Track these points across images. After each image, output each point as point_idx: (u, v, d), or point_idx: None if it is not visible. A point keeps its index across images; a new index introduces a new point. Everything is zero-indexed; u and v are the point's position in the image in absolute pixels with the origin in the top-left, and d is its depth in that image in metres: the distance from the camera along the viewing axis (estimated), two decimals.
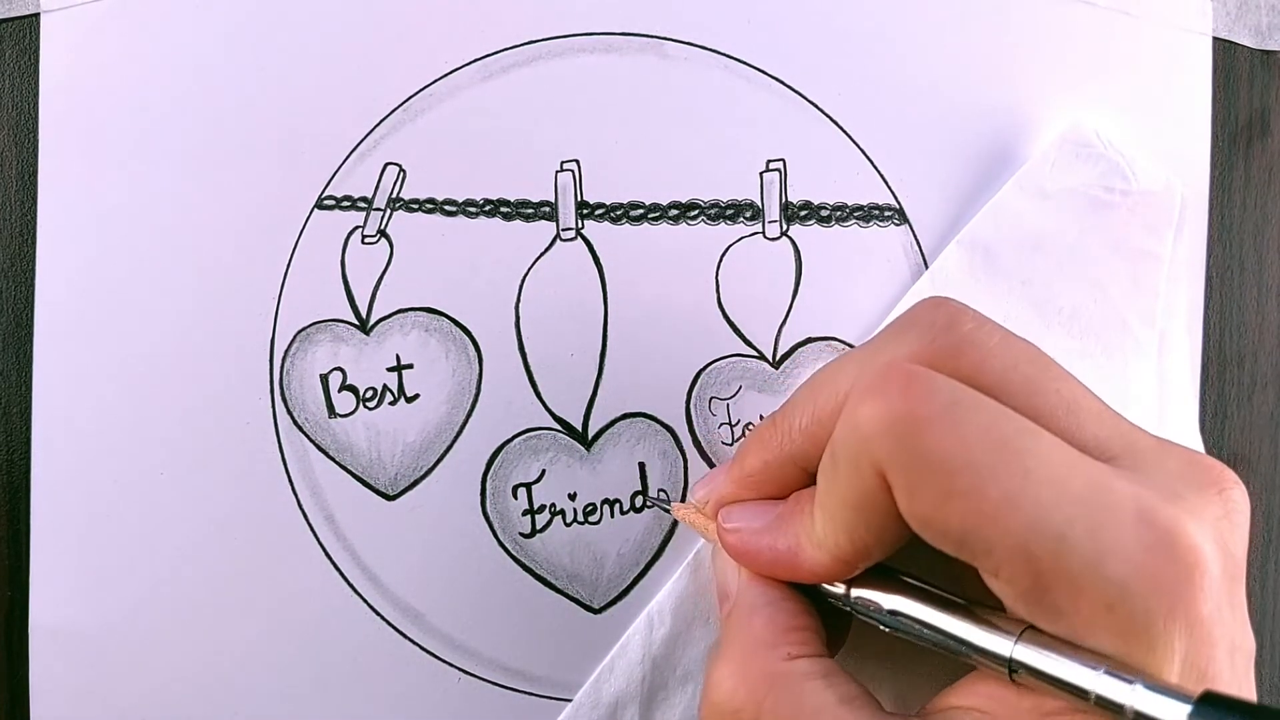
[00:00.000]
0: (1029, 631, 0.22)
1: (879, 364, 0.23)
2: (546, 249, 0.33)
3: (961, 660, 0.24)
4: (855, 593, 0.26)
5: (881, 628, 0.25)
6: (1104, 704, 0.21)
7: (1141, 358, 0.33)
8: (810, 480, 0.26)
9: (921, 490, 0.22)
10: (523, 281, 0.33)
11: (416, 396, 0.33)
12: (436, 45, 0.33)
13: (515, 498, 0.33)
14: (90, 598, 0.32)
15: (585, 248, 0.33)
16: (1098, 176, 0.33)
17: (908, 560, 0.25)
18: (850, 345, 0.33)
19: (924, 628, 0.24)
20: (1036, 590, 0.21)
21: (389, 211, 0.33)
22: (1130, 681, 0.20)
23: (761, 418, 0.33)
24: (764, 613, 0.26)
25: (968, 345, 0.24)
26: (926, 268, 0.33)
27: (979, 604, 0.24)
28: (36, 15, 0.32)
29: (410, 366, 0.33)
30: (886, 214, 0.33)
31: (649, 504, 0.33)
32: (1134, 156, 0.33)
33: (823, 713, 0.23)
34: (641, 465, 0.33)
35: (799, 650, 0.25)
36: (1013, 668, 0.22)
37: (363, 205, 0.33)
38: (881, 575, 0.26)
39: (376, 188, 0.33)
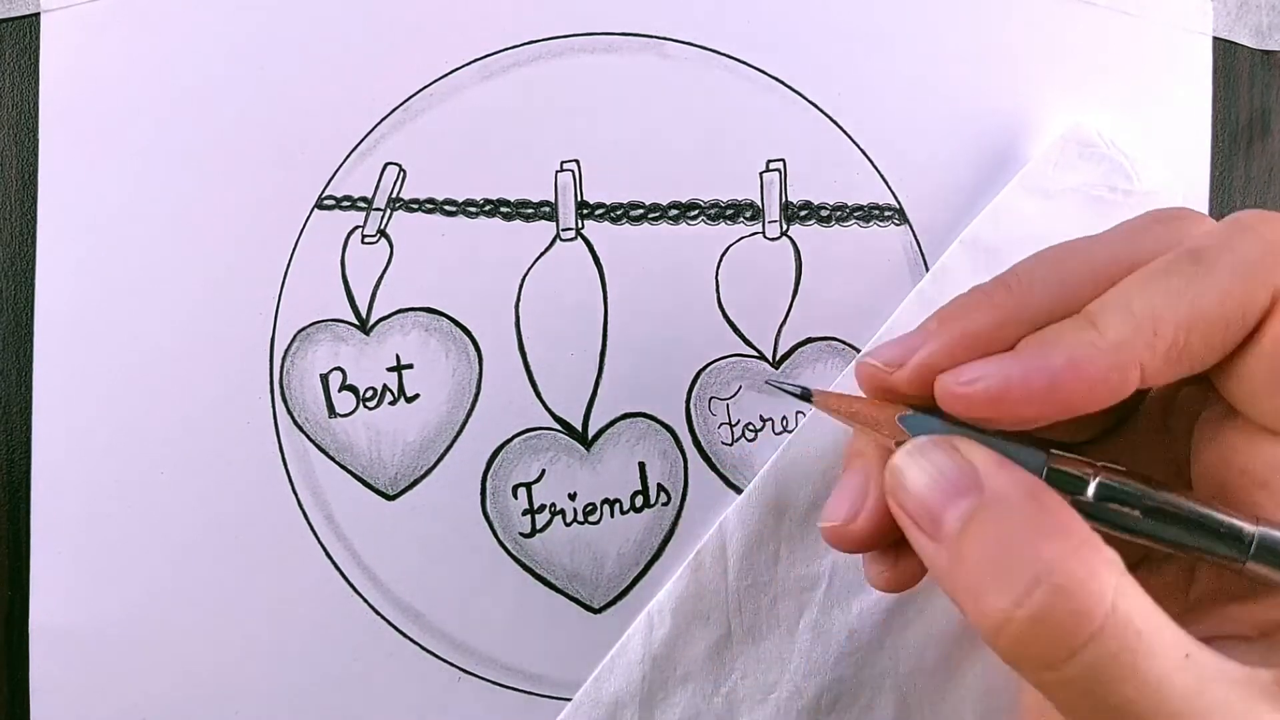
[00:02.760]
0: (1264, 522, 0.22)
1: (1245, 214, 0.23)
2: (546, 249, 0.33)
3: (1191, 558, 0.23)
4: (1103, 481, 0.23)
5: (1124, 537, 0.23)
6: None
7: None
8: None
9: None
10: (523, 281, 0.33)
11: (416, 396, 0.33)
12: (436, 45, 0.33)
13: (515, 497, 0.33)
14: (90, 598, 0.32)
15: (585, 248, 0.33)
16: (1100, 176, 0.33)
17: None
18: (850, 345, 0.33)
19: (1170, 520, 0.22)
20: None
21: (389, 211, 0.33)
22: None
23: (761, 418, 0.33)
24: (1047, 493, 0.22)
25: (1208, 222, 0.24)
26: (926, 268, 0.33)
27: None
28: (36, 15, 0.32)
29: (410, 366, 0.33)
30: (886, 214, 0.33)
31: (778, 387, 0.28)
32: (1136, 156, 0.33)
33: (1158, 611, 0.21)
34: (641, 465, 0.33)
35: (1109, 553, 0.21)
36: (1255, 550, 0.21)
37: (363, 205, 0.33)
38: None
39: (376, 187, 0.33)
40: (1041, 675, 0.21)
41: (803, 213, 0.33)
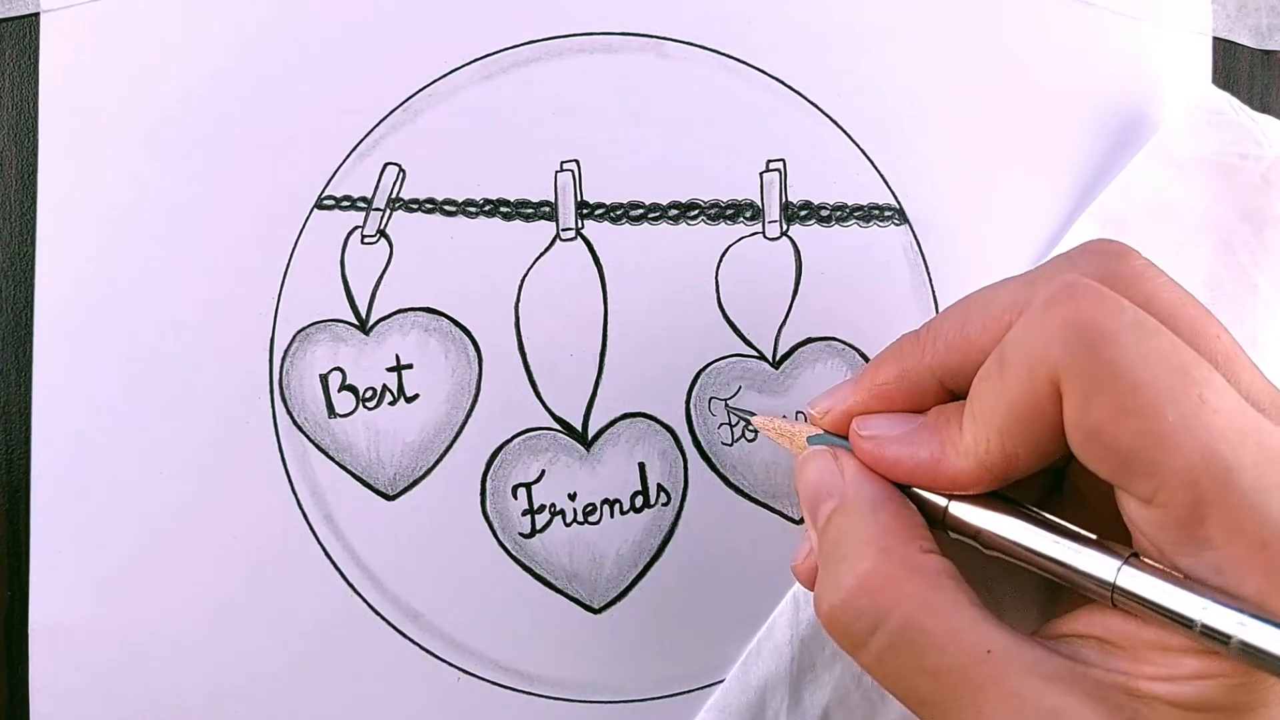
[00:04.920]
0: (1133, 559, 0.22)
1: (1062, 280, 0.23)
2: (546, 249, 0.33)
3: (1060, 583, 0.24)
4: (955, 508, 0.25)
5: (980, 548, 0.25)
6: (1209, 634, 0.21)
7: (1272, 321, 0.33)
8: (944, 397, 0.26)
9: (1097, 401, 0.21)
10: (523, 281, 0.33)
11: (416, 396, 0.33)
12: (436, 45, 0.33)
13: (515, 498, 0.33)
14: (90, 598, 0.32)
15: (585, 248, 0.33)
16: (1229, 143, 0.33)
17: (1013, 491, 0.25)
18: (850, 345, 0.33)
19: (1025, 549, 0.24)
20: (1191, 520, 0.21)
21: (389, 211, 0.33)
22: (1239, 611, 0.20)
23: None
24: (888, 507, 0.25)
25: (1140, 277, 0.24)
26: (927, 267, 0.33)
27: (1077, 532, 0.24)
28: (36, 15, 0.32)
29: (410, 366, 0.33)
30: (886, 214, 0.33)
31: (732, 411, 0.32)
32: (1266, 122, 0.33)
33: (960, 612, 0.23)
34: (641, 465, 0.33)
35: (930, 546, 0.25)
36: (1115, 592, 0.22)
37: (362, 205, 0.33)
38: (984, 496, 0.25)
39: (376, 187, 0.33)
40: (855, 655, 0.24)
41: (803, 213, 0.33)
